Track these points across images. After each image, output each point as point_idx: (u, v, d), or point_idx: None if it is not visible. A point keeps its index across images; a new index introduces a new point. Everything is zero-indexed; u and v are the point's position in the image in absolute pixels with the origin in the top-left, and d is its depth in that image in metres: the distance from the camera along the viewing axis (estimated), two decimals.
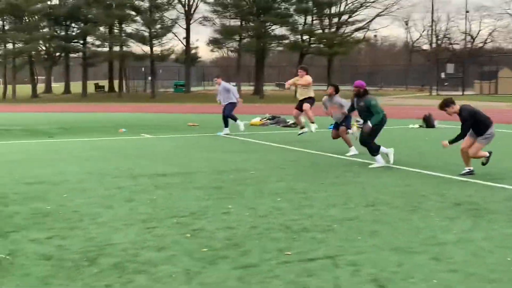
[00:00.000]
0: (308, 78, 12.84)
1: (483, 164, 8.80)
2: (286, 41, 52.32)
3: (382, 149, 9.74)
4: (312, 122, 12.90)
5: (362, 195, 7.18)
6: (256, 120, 20.00)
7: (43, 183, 8.04)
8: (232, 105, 15.76)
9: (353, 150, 11.32)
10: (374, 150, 9.74)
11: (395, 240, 5.14)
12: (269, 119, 20.21)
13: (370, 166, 9.65)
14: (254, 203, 6.74)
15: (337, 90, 11.83)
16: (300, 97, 12.92)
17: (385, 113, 9.92)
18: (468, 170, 8.66)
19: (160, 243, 5.04)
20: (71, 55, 56.48)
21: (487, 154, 8.76)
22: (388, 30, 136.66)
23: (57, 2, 53.26)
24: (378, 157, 9.73)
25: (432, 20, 62.28)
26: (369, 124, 9.67)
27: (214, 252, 4.78)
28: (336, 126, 11.79)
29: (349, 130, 11.49)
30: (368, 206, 6.55)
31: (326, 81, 57.49)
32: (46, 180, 8.23)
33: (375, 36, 66.09)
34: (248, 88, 58.57)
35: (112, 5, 47.47)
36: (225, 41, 52.68)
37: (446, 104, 8.61)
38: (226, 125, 15.71)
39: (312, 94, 12.92)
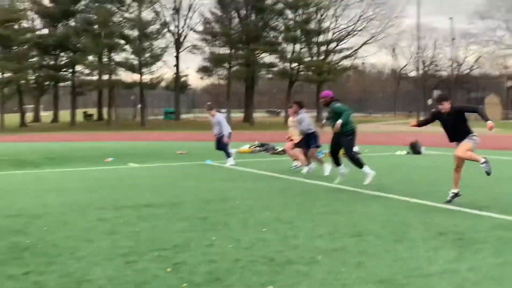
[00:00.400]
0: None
1: (488, 174, 8.39)
2: (275, 69, 52.69)
3: (366, 169, 10.42)
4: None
5: (349, 225, 7.10)
6: (245, 147, 19.96)
7: (24, 215, 7.89)
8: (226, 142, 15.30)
9: (327, 168, 12.00)
10: (355, 160, 10.35)
11: (380, 272, 5.05)
12: (258, 146, 20.17)
13: (364, 183, 10.23)
14: (239, 234, 6.63)
15: (301, 106, 12.45)
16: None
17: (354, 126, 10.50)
18: (453, 194, 8.44)
19: (139, 278, 4.91)
20: (60, 84, 56.47)
21: (483, 159, 8.34)
22: (376, 58, 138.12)
23: (46, 32, 53.41)
24: (365, 168, 10.23)
25: (419, 47, 62.96)
26: (338, 122, 10.09)
27: (194, 287, 4.67)
28: (305, 144, 12.31)
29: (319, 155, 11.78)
30: (355, 236, 6.46)
31: (316, 108, 57.86)
32: (27, 213, 8.08)
33: (363, 63, 66.66)
34: (238, 115, 58.72)
35: (101, 34, 47.66)
36: (215, 69, 52.97)
37: (445, 98, 8.48)
38: (228, 156, 15.25)
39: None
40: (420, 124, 8.95)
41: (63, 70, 53.56)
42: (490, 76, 73.43)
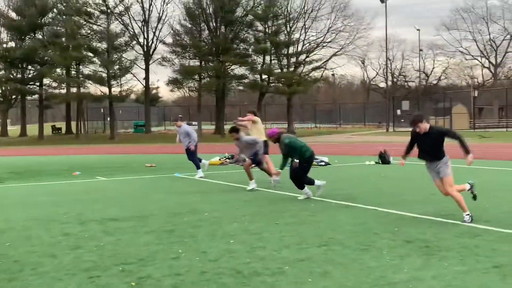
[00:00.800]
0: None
1: (475, 199, 8.35)
2: (246, 81, 52.78)
3: (316, 182, 10.46)
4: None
5: (317, 235, 7.09)
6: (215, 159, 19.88)
7: None
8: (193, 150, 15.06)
9: (252, 184, 12.01)
10: (305, 183, 10.33)
11: (346, 281, 5.04)
12: (228, 158, 20.11)
13: (299, 198, 10.30)
14: (206, 246, 6.57)
15: (237, 132, 12.55)
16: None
17: (311, 150, 10.46)
18: (467, 217, 7.75)
19: None
20: (28, 97, 55.63)
21: (468, 187, 8.30)
22: (346, 69, 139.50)
23: (13, 45, 52.66)
24: (305, 189, 10.33)
25: (387, 59, 63.83)
26: (295, 161, 10.21)
27: None
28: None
29: (272, 180, 11.66)
30: (322, 246, 6.46)
31: (286, 119, 58.08)
32: None
33: (333, 75, 67.27)
34: (209, 127, 58.57)
35: (69, 46, 47.13)
36: (185, 81, 52.77)
37: (419, 120, 7.96)
38: (198, 167, 15.10)
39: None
40: (408, 151, 8.55)
41: (30, 83, 52.79)
42: (457, 86, 74.82)
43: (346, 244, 6.52)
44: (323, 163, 17.97)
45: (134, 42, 52.42)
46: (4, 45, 52.43)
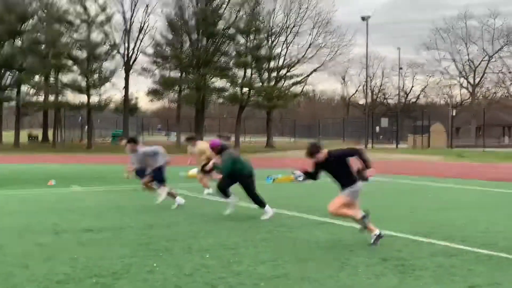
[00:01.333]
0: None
1: (362, 230, 7.55)
2: (226, 93, 52.77)
3: (229, 199, 10.18)
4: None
5: (293, 251, 7.07)
6: (194, 171, 19.74)
7: None
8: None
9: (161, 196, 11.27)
10: (259, 202, 10.01)
11: None
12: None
13: (261, 218, 9.73)
14: (181, 260, 6.50)
15: (135, 142, 11.51)
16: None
17: (248, 167, 10.17)
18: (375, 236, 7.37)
19: None
20: (4, 104, 54.87)
21: (361, 215, 7.51)
22: (326, 85, 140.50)
23: None
24: (266, 208, 9.94)
25: (367, 76, 64.42)
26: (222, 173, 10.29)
27: None
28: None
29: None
30: (298, 263, 6.43)
31: (266, 133, 58.17)
32: None
33: (313, 90, 67.68)
34: None
35: (48, 54, 46.69)
36: (165, 92, 52.57)
37: (315, 151, 7.65)
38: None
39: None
40: (309, 175, 7.99)
41: (7, 89, 52.11)
42: (436, 105, 75.82)
43: (323, 261, 6.51)
44: (301, 178, 17.96)
45: (115, 51, 52.12)
46: None
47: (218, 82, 52.69)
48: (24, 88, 51.69)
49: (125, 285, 5.38)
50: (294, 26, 55.60)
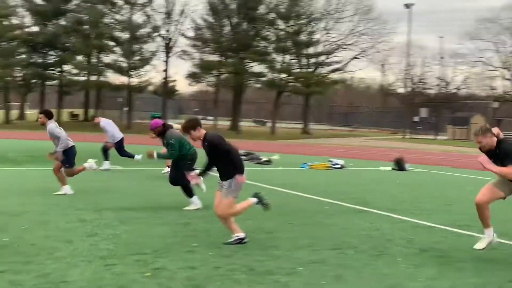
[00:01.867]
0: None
1: (265, 207, 6.85)
2: (264, 79, 52.73)
3: (192, 199, 9.05)
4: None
5: (330, 238, 7.09)
6: None
7: (3, 213, 7.78)
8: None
9: (65, 189, 10.01)
10: (186, 192, 8.96)
11: (359, 286, 5.04)
12: (243, 155, 20.11)
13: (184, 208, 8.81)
14: (220, 241, 6.59)
15: (49, 116, 10.09)
16: None
17: (193, 149, 9.26)
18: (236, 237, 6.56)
19: (118, 282, 4.85)
20: (47, 82, 56.00)
21: (253, 201, 6.90)
22: (365, 72, 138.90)
23: (36, 30, 53.02)
24: (193, 198, 8.99)
25: (408, 65, 63.42)
26: (155, 154, 8.87)
27: None
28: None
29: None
30: (335, 249, 6.45)
31: (302, 119, 57.98)
32: (6, 211, 7.98)
33: (352, 77, 66.99)
34: (225, 123, 58.64)
35: (91, 34, 47.41)
36: (204, 75, 52.83)
37: (192, 126, 6.67)
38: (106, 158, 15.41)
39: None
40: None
41: (50, 68, 53.15)
42: (477, 96, 74.20)
43: (360, 249, 6.51)
44: (338, 166, 17.93)
45: (156, 34, 52.55)
46: (27, 29, 52.79)
47: (257, 67, 52.70)
48: (66, 67, 52.64)
49: (166, 264, 5.49)
50: (335, 13, 55.01)
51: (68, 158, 10.06)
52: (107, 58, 50.59)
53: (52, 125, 10.00)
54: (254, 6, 49.52)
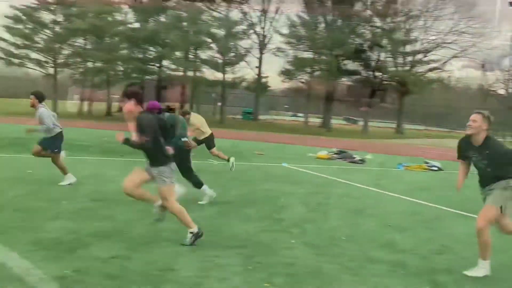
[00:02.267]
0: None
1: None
2: (358, 77, 52.10)
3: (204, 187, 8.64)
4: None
5: (430, 241, 6.97)
6: (323, 153, 19.84)
7: (109, 200, 8.20)
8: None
9: (68, 179, 9.61)
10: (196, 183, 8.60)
11: None
12: (336, 153, 20.00)
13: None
14: (314, 239, 6.63)
15: (41, 99, 9.48)
16: None
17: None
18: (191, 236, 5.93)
19: (221, 274, 4.99)
20: (147, 77, 58.20)
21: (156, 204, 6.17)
22: (464, 72, 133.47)
23: (138, 26, 55.21)
24: (204, 187, 8.63)
25: (510, 65, 60.33)
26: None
27: None
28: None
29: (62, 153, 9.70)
30: (436, 254, 6.36)
31: (396, 119, 56.73)
32: (112, 198, 8.38)
33: (450, 77, 64.62)
34: (315, 120, 58.52)
35: (189, 31, 48.78)
36: (297, 72, 52.95)
37: (129, 93, 6.09)
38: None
39: None
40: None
41: (150, 63, 55.20)
42: None
43: (462, 255, 6.33)
44: (435, 168, 17.43)
45: (251, 31, 53.26)
46: (129, 26, 55.08)
47: (351, 65, 52.16)
48: (165, 63, 54.48)
49: (266, 259, 5.60)
50: (434, 10, 53.31)
51: (55, 142, 9.60)
52: (204, 54, 51.90)
53: (43, 109, 9.42)
54: (350, 3, 49.00)
